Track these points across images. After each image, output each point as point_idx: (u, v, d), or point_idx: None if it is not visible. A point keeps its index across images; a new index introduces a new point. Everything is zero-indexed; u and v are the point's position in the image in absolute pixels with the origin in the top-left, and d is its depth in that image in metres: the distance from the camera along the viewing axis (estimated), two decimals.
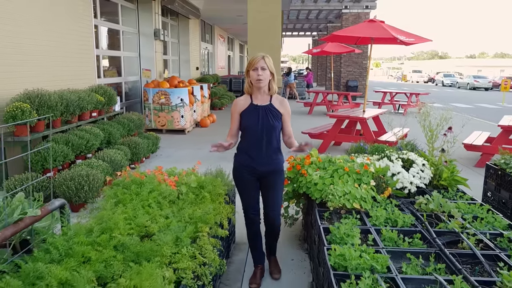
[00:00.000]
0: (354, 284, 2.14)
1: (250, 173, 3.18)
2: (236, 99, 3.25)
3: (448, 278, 2.25)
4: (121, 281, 1.81)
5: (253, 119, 3.10)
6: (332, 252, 2.48)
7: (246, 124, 3.13)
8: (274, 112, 3.13)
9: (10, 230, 1.98)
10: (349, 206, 3.27)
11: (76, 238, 2.12)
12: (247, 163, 3.17)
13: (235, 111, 3.20)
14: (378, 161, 4.04)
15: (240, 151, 3.25)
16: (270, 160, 3.16)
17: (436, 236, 2.86)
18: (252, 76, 3.08)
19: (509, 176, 4.49)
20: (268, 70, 3.06)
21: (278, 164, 3.23)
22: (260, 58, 3.04)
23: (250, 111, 3.13)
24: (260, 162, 3.14)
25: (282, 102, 3.21)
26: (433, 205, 3.35)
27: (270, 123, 3.09)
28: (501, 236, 2.87)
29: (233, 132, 3.25)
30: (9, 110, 4.85)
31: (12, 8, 5.42)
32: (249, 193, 3.24)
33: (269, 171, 3.19)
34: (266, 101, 3.16)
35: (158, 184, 3.12)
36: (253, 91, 3.17)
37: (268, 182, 3.23)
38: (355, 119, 8.00)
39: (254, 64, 3.05)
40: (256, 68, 3.04)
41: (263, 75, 3.03)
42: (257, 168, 3.15)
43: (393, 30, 7.86)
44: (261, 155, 3.13)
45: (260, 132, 3.09)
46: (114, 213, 2.50)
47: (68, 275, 1.81)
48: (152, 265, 1.97)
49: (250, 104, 3.15)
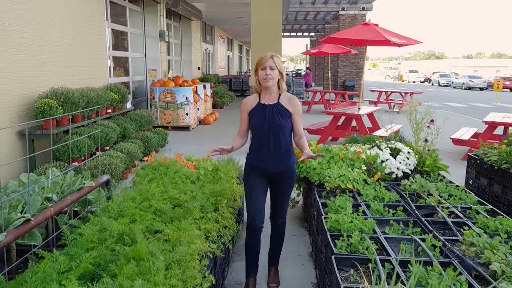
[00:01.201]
0: (346, 240, 2.69)
1: (260, 174, 3.14)
2: (245, 99, 3.23)
3: (422, 237, 2.80)
4: (167, 231, 2.36)
5: (260, 118, 3.07)
6: (328, 219, 3.03)
7: (254, 123, 3.11)
8: (282, 111, 3.07)
9: (76, 195, 2.52)
10: (343, 186, 3.82)
11: (125, 203, 2.66)
12: (257, 164, 3.13)
13: (244, 110, 3.17)
14: (369, 149, 4.59)
15: (251, 151, 3.22)
16: (279, 160, 3.10)
17: (416, 209, 3.42)
18: (260, 75, 3.05)
19: (486, 165, 5.06)
20: (277, 70, 3.04)
21: (288, 164, 3.16)
22: (269, 57, 3.02)
23: (257, 110, 3.10)
24: (269, 163, 3.09)
25: (291, 100, 3.14)
26: (416, 186, 3.90)
27: (277, 122, 3.04)
28: (470, 209, 3.43)
29: (241, 132, 3.22)
30: (38, 106, 5.38)
31: (36, 13, 5.94)
32: (257, 197, 3.13)
33: (279, 172, 3.13)
34: (274, 100, 3.11)
35: (180, 167, 3.67)
36: (262, 90, 3.13)
37: (279, 185, 3.20)
38: (350, 115, 8.56)
39: (263, 63, 3.01)
40: (265, 67, 3.01)
41: (271, 74, 3.00)
42: (266, 169, 3.11)
43: (386, 32, 8.42)
44: (269, 155, 3.07)
45: (267, 132, 3.04)
46: (149, 187, 3.04)
47: (124, 228, 2.36)
48: (187, 221, 2.52)
49: (258, 103, 3.12)
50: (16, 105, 5.49)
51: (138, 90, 11.91)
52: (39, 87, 5.89)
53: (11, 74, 5.39)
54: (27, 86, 5.70)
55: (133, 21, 11.23)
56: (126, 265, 1.89)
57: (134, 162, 6.20)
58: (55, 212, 2.26)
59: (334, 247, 2.64)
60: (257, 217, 3.11)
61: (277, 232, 3.37)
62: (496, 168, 4.82)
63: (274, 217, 3.35)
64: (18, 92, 5.52)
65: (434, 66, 75.70)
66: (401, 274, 2.22)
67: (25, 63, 5.70)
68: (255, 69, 3.11)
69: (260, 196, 3.15)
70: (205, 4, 15.23)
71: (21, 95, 5.58)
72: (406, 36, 8.70)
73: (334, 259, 2.48)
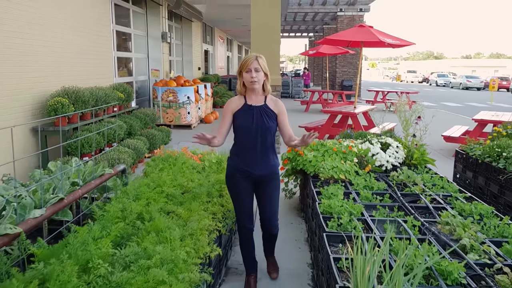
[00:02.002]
0: (336, 221, 3.04)
1: (244, 178, 3.04)
2: (229, 99, 3.14)
3: (404, 219, 3.14)
4: (179, 211, 2.70)
5: (247, 120, 2.98)
6: (321, 204, 3.38)
7: (240, 124, 3.00)
8: (269, 113, 3.02)
9: (99, 180, 2.87)
10: (336, 177, 4.17)
11: (141, 188, 3.01)
12: (241, 167, 3.03)
13: (228, 110, 3.06)
14: (361, 144, 4.94)
15: (234, 155, 3.12)
16: (265, 163, 3.05)
17: (402, 196, 3.77)
18: (245, 78, 2.96)
19: (471, 159, 5.41)
20: (262, 71, 2.96)
21: (273, 167, 3.12)
22: (253, 59, 2.93)
23: (244, 111, 3.00)
24: (255, 166, 3.02)
25: (276, 102, 3.10)
26: (403, 176, 4.25)
27: (265, 124, 2.98)
28: (451, 196, 3.78)
29: (222, 132, 3.07)
30: (51, 104, 5.72)
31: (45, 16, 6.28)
32: (244, 200, 3.08)
33: (265, 175, 3.07)
34: (261, 101, 3.05)
35: (187, 159, 4.01)
36: (247, 92, 3.05)
37: (264, 188, 3.12)
38: (346, 114, 8.91)
39: (247, 65, 2.93)
40: (250, 70, 2.92)
41: (257, 76, 2.93)
42: (252, 172, 3.02)
43: (380, 34, 8.77)
44: (255, 157, 3.01)
45: (254, 133, 2.97)
46: (161, 175, 3.39)
47: (141, 208, 2.70)
48: (196, 204, 2.87)
49: (244, 104, 3.03)
50: (30, 103, 5.83)
51: (141, 90, 12.25)
52: (50, 86, 6.22)
53: (26, 74, 5.73)
54: (40, 86, 6.03)
55: (136, 23, 11.56)
56: (147, 236, 2.23)
57: (142, 157, 6.54)
58: (82, 194, 2.61)
59: (326, 226, 2.99)
60: (246, 219, 3.08)
61: (267, 231, 3.30)
62: (480, 162, 5.17)
63: (266, 226, 3.24)
64: (32, 92, 5.86)
65: (432, 66, 76.05)
66: (382, 245, 2.57)
67: (39, 65, 6.03)
68: (239, 71, 3.02)
69: (247, 197, 3.09)
70: (205, 6, 15.58)
71: (35, 94, 5.92)
72: (399, 37, 9.05)
73: (325, 236, 2.82)
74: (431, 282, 2.29)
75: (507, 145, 5.00)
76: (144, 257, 1.98)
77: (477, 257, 2.55)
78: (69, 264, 1.74)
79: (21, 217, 2.16)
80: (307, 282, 3.42)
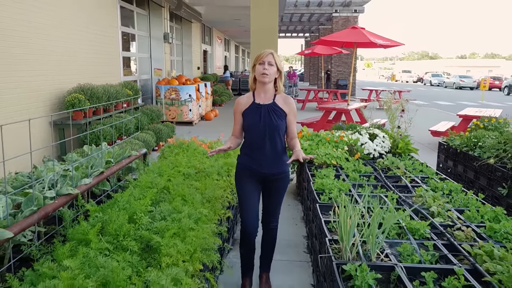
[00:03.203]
0: (327, 195, 3.60)
1: (253, 177, 3.02)
2: (238, 98, 3.09)
3: (385, 194, 3.70)
4: (196, 184, 3.25)
5: (255, 118, 2.94)
6: (315, 183, 3.93)
7: (248, 123, 2.98)
8: (278, 111, 2.96)
9: (128, 160, 3.41)
10: (329, 162, 4.72)
11: (162, 167, 3.56)
12: (250, 165, 3.01)
13: (237, 110, 3.04)
14: (351, 134, 5.50)
15: (243, 153, 3.10)
16: (274, 162, 3.00)
17: (385, 178, 4.33)
18: (257, 70, 2.92)
19: (451, 149, 5.98)
20: (275, 67, 2.93)
21: (283, 166, 3.06)
22: (269, 53, 2.92)
23: (252, 110, 2.97)
24: (264, 164, 2.98)
25: (286, 100, 3.03)
26: (388, 162, 4.82)
27: (273, 123, 2.92)
28: (428, 178, 4.34)
29: (236, 133, 3.10)
30: (69, 100, 6.25)
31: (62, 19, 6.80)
32: (251, 200, 3.03)
33: (273, 174, 3.03)
34: (270, 99, 2.99)
35: (197, 146, 4.56)
36: (257, 88, 3.01)
37: (272, 187, 3.10)
38: (340, 110, 9.48)
39: (262, 58, 2.90)
40: (263, 62, 2.89)
41: (269, 70, 2.88)
42: (260, 171, 2.99)
43: (372, 35, 9.34)
44: (264, 156, 2.96)
45: (262, 132, 2.92)
46: (177, 158, 3.93)
47: (165, 183, 3.24)
48: (210, 179, 3.42)
49: (252, 102, 2.99)
50: (49, 99, 6.36)
51: (144, 88, 12.77)
52: (66, 84, 6.75)
53: (46, 72, 6.26)
54: (57, 83, 6.56)
55: (140, 24, 12.08)
56: (174, 200, 2.78)
57: (150, 149, 7.08)
58: (116, 169, 3.15)
59: (319, 199, 3.55)
60: (251, 219, 3.03)
61: (269, 236, 3.28)
62: (458, 152, 5.74)
63: (266, 221, 3.24)
64: (51, 88, 6.39)
65: (428, 66, 76.73)
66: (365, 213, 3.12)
67: (57, 64, 6.56)
68: (253, 64, 2.98)
69: (255, 200, 3.06)
70: (205, 7, 16.13)
71: (53, 91, 6.45)
72: (390, 38, 9.63)
73: (318, 206, 3.38)
74: (402, 237, 2.85)
75: (482, 135, 5.58)
76: (175, 213, 2.53)
77: (441, 220, 3.11)
78: (122, 213, 2.28)
79: (73, 184, 2.69)
80: (303, 250, 3.98)
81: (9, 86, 5.43)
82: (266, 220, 3.24)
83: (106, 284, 1.73)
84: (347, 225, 2.46)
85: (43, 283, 1.63)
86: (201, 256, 2.16)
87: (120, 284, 1.71)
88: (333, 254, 2.52)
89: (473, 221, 3.12)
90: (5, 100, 5.37)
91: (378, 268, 2.35)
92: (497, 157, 4.93)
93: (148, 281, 1.78)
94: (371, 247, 2.51)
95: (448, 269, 2.34)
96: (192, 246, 2.16)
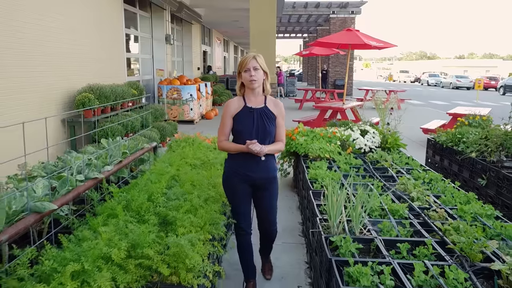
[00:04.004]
0: (320, 183, 4.01)
1: (243, 181, 2.99)
2: (228, 101, 3.04)
3: (372, 183, 4.11)
4: (202, 172, 3.66)
5: (248, 123, 2.91)
6: (309, 173, 4.34)
7: (240, 128, 2.94)
8: (269, 115, 2.96)
9: (141, 151, 3.82)
10: (322, 155, 5.13)
11: (172, 158, 3.97)
12: (240, 170, 2.97)
13: (228, 114, 2.97)
14: (344, 131, 5.91)
15: (232, 157, 3.04)
16: (264, 166, 2.98)
17: (373, 169, 4.74)
18: (244, 78, 2.91)
19: (438, 144, 6.40)
20: (261, 70, 2.90)
21: (272, 170, 3.08)
22: (251, 58, 2.88)
23: (244, 114, 2.93)
24: (255, 169, 2.96)
25: (276, 103, 3.04)
26: (377, 156, 5.23)
27: (266, 128, 2.92)
28: (413, 169, 4.75)
29: (226, 133, 3.03)
30: (79, 99, 6.65)
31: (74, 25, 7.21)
32: (242, 204, 3.03)
33: (264, 178, 3.03)
34: (261, 103, 2.98)
35: (201, 141, 4.97)
36: (246, 93, 2.99)
37: (263, 192, 3.10)
38: (335, 109, 9.90)
39: (246, 64, 2.87)
40: (248, 69, 2.87)
41: (256, 75, 2.87)
42: (251, 175, 2.97)
43: (366, 37, 9.77)
44: (255, 161, 2.92)
45: (254, 137, 2.87)
46: (184, 151, 4.34)
47: (175, 171, 3.65)
48: (215, 168, 3.83)
49: (244, 106, 2.95)
50: (61, 98, 6.76)
51: (147, 88, 13.15)
52: (76, 84, 7.15)
53: (58, 73, 6.66)
54: (68, 83, 6.97)
55: (143, 26, 12.48)
56: (184, 185, 3.19)
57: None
58: (132, 159, 3.56)
59: (312, 187, 3.96)
60: (245, 223, 3.04)
61: (269, 238, 3.35)
62: (444, 147, 6.16)
63: (265, 230, 3.27)
64: (62, 88, 6.79)
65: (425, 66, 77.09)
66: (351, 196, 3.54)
67: (68, 65, 6.97)
68: (238, 72, 2.98)
69: (246, 201, 3.05)
70: (204, 9, 16.55)
71: (64, 90, 6.85)
72: (383, 40, 10.05)
73: (311, 192, 3.79)
74: (384, 217, 3.26)
75: (466, 132, 6.00)
76: (186, 194, 2.94)
77: (420, 204, 3.53)
78: (142, 193, 2.69)
79: (97, 170, 3.10)
80: (298, 233, 4.39)
81: (28, 87, 5.85)
82: (264, 226, 3.24)
83: (135, 245, 2.14)
84: (334, 205, 2.87)
85: (87, 242, 2.04)
86: (210, 228, 2.57)
87: (146, 245, 2.12)
88: (322, 230, 2.93)
89: (448, 205, 3.54)
90: (26, 99, 5.79)
91: (360, 240, 2.76)
92: (478, 151, 5.34)
93: (168, 244, 2.19)
94: (355, 224, 2.92)
95: (420, 241, 2.76)
96: (202, 220, 2.57)
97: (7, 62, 5.43)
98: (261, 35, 7.72)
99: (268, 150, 2.89)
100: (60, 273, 1.81)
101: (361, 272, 2.27)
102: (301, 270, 3.63)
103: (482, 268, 2.42)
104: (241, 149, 2.86)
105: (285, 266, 3.69)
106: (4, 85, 5.39)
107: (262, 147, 2.81)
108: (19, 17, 5.67)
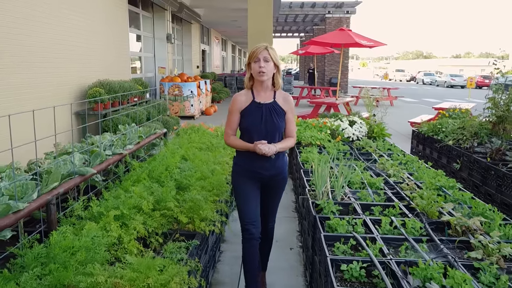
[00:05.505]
0: (310, 163, 4.58)
1: (252, 179, 2.86)
2: (235, 95, 2.89)
3: (355, 164, 4.69)
4: (207, 153, 4.24)
5: (256, 119, 2.77)
6: (301, 156, 4.92)
7: (248, 124, 2.80)
8: (279, 110, 2.81)
9: (154, 136, 4.39)
10: (313, 143, 5.71)
11: (181, 142, 4.54)
12: (249, 167, 2.85)
13: (235, 109, 2.83)
14: (334, 121, 6.50)
15: (241, 154, 2.91)
16: (273, 163, 2.85)
17: (359, 154, 5.32)
18: (253, 69, 2.74)
19: (421, 135, 6.99)
20: (272, 62, 2.73)
21: (282, 167, 2.95)
22: (263, 49, 2.72)
23: (252, 110, 2.79)
24: (264, 166, 2.82)
25: (285, 98, 2.89)
26: (363, 143, 5.81)
27: (275, 124, 2.78)
28: (393, 154, 5.34)
29: (234, 132, 2.89)
30: (91, 93, 7.21)
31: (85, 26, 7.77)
32: (251, 202, 2.86)
33: (274, 176, 2.90)
34: (270, 97, 2.83)
35: (205, 129, 5.55)
36: (255, 85, 2.83)
37: (272, 189, 2.98)
38: (329, 104, 10.48)
39: (256, 55, 2.72)
40: (259, 59, 2.71)
41: (266, 67, 2.70)
42: (261, 172, 2.84)
43: (357, 36, 10.35)
44: (264, 158, 2.75)
45: (263, 133, 2.76)
46: (191, 137, 4.92)
47: (184, 153, 4.22)
48: (218, 150, 4.41)
49: (252, 101, 2.81)
50: (74, 92, 7.33)
51: (149, 85, 13.73)
52: (87, 79, 7.72)
53: (72, 69, 7.23)
54: (80, 79, 7.53)
55: (145, 26, 13.05)
56: (194, 161, 3.77)
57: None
58: (148, 142, 4.13)
59: (303, 166, 4.54)
60: (253, 226, 2.81)
61: (266, 237, 3.13)
62: (426, 136, 6.75)
63: (264, 221, 3.05)
64: (75, 83, 7.36)
65: (422, 65, 77.71)
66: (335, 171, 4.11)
67: (80, 62, 7.53)
68: (248, 62, 2.82)
69: (254, 202, 2.88)
70: (204, 9, 17.12)
71: (77, 85, 7.42)
72: (373, 39, 10.64)
73: (302, 171, 4.37)
74: (363, 188, 3.84)
75: (445, 122, 6.59)
76: (196, 167, 3.52)
77: (395, 179, 4.11)
78: (161, 164, 3.27)
79: (121, 148, 3.67)
80: (292, 210, 4.98)
81: (45, 82, 6.41)
82: (264, 220, 3.06)
83: (159, 201, 2.72)
84: (320, 176, 3.45)
85: (123, 195, 2.61)
86: (217, 191, 3.15)
87: (169, 200, 2.70)
88: (310, 197, 3.51)
89: (419, 180, 4.12)
90: (42, 92, 6.35)
91: (341, 204, 3.34)
92: (455, 140, 5.93)
93: (185, 199, 2.76)
94: (337, 192, 3.50)
95: (390, 205, 3.34)
96: (211, 185, 3.15)
97: (31, 59, 5.99)
98: (259, 34, 8.28)
99: (279, 148, 2.77)
100: (105, 215, 2.38)
101: (339, 224, 2.85)
102: (294, 237, 4.21)
103: (437, 222, 3.01)
104: (249, 148, 2.75)
105: (281, 234, 4.26)
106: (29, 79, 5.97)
107: (270, 147, 2.69)
108: (38, 18, 6.23)
